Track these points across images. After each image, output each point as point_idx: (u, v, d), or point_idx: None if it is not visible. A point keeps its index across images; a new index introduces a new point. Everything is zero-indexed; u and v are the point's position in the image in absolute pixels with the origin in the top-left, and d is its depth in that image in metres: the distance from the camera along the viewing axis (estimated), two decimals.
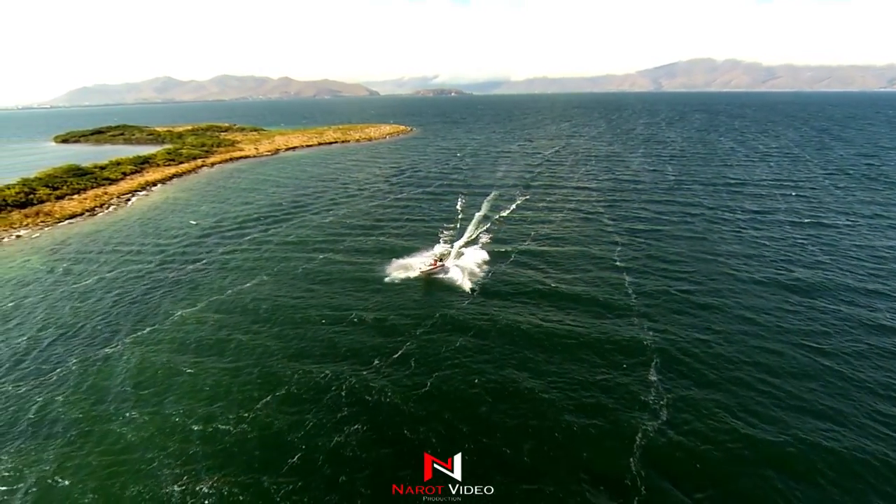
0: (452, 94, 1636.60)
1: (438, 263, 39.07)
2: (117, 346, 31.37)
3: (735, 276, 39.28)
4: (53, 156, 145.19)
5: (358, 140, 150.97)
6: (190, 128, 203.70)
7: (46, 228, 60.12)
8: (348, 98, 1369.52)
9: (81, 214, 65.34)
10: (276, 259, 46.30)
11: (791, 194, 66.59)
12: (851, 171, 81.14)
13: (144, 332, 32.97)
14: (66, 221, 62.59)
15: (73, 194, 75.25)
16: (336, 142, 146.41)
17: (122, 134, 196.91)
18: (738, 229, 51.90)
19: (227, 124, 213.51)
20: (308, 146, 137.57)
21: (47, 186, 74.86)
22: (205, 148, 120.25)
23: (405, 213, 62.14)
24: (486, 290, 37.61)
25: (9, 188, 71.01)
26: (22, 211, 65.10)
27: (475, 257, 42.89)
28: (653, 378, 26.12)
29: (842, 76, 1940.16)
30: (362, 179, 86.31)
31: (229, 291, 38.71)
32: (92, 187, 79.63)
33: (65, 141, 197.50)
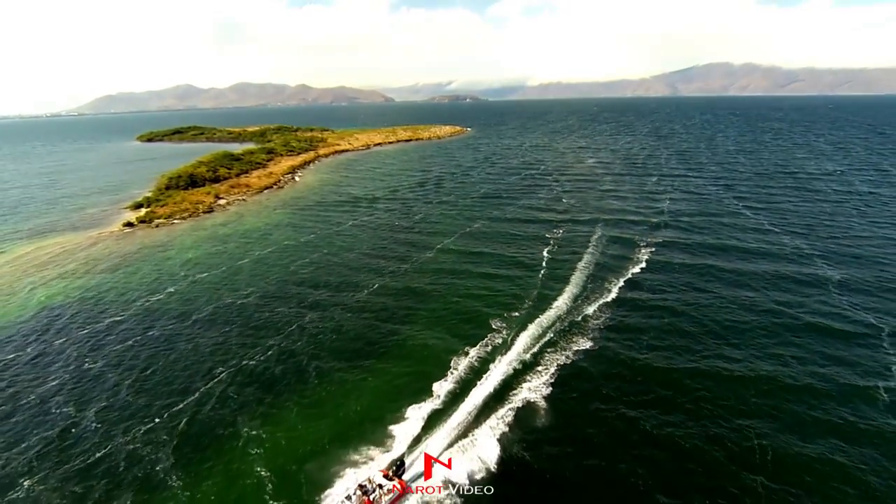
0: (467, 100, 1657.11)
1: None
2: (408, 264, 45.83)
3: None
4: (149, 151, 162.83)
5: (429, 138, 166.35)
6: (260, 128, 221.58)
7: (252, 196, 75.48)
8: (366, 105, 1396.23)
9: (271, 187, 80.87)
10: (471, 211, 60.85)
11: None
12: None
13: (430, 252, 47.46)
14: (265, 191, 78.08)
15: (244, 173, 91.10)
16: (410, 139, 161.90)
17: (202, 133, 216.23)
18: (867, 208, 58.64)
19: (291, 125, 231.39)
20: (389, 143, 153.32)
21: (223, 167, 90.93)
22: (307, 143, 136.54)
23: (534, 186, 76.40)
24: None
25: (199, 167, 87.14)
26: (226, 182, 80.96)
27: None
28: None
29: (864, 79, 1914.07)
30: (478, 165, 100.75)
31: (459, 234, 53.34)
32: (252, 169, 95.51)
33: (149, 140, 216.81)
